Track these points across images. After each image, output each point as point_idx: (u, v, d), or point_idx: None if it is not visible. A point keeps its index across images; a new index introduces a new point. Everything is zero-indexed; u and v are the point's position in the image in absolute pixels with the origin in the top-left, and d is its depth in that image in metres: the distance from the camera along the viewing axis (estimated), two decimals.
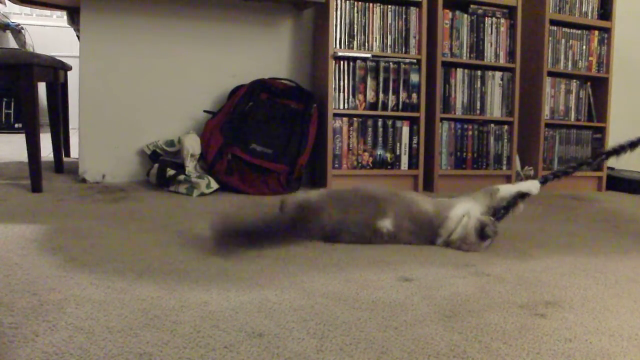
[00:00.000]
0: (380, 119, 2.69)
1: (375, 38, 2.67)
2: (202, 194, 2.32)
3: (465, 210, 1.61)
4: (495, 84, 2.92)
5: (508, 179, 2.97)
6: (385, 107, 2.70)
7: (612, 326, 1.06)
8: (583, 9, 3.11)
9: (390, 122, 2.70)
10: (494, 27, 2.89)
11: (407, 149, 2.73)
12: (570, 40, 3.09)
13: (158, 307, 1.04)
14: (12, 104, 5.07)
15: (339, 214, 1.58)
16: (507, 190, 1.70)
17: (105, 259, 1.33)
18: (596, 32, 3.15)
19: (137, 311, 1.01)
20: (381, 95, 2.68)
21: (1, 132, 4.97)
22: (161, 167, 2.40)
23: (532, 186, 1.72)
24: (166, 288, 1.14)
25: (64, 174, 2.67)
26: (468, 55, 2.86)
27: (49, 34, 5.41)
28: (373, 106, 2.68)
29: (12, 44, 5.09)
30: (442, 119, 2.81)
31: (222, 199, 2.29)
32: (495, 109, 2.93)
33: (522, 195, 1.69)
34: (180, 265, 1.31)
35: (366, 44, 2.66)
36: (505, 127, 2.95)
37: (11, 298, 1.04)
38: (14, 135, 4.72)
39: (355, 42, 2.64)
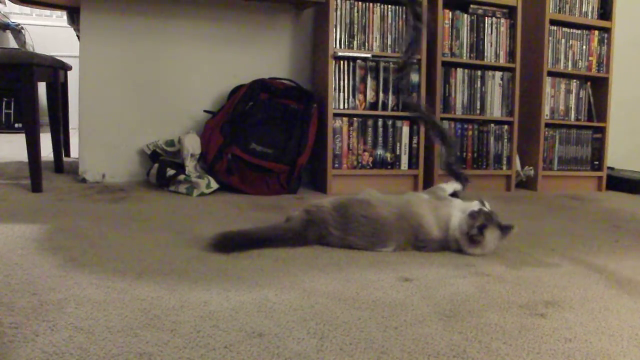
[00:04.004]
0: (380, 119, 2.69)
1: (375, 38, 2.67)
2: (202, 194, 2.32)
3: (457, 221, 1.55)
4: (495, 84, 2.92)
5: (508, 179, 2.97)
6: (385, 107, 2.70)
7: (612, 326, 1.06)
8: (583, 9, 3.11)
9: (390, 122, 2.70)
10: (494, 27, 2.89)
11: (407, 149, 2.73)
12: (570, 40, 3.09)
13: (158, 307, 1.04)
14: (12, 104, 5.08)
15: (340, 233, 1.53)
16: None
17: (105, 259, 1.33)
18: (596, 32, 3.15)
19: (137, 311, 1.01)
20: (381, 95, 2.68)
21: (1, 132, 4.97)
22: (161, 167, 2.40)
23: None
24: (166, 288, 1.14)
25: (64, 174, 2.67)
26: (468, 55, 2.86)
27: (49, 34, 5.41)
28: (373, 106, 2.68)
29: (12, 44, 5.09)
30: (442, 119, 2.81)
31: (222, 199, 2.29)
32: (495, 109, 2.93)
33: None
34: (180, 265, 1.31)
35: (366, 44, 2.66)
36: (505, 127, 2.95)
37: (11, 298, 1.04)
38: (14, 135, 4.72)
39: (355, 42, 2.64)
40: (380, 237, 1.53)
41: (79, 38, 2.61)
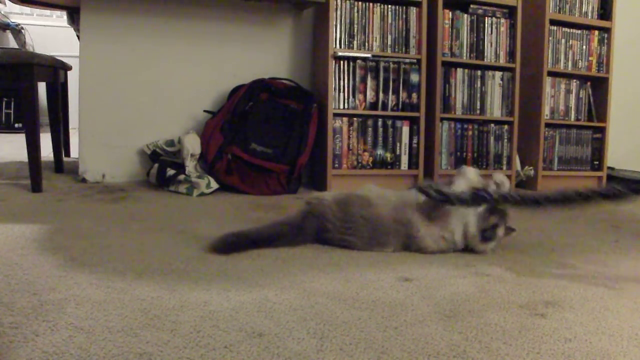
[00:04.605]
0: (380, 119, 2.69)
1: (375, 38, 2.67)
2: (202, 194, 2.32)
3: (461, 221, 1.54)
4: (495, 84, 2.92)
5: (508, 179, 2.97)
6: (385, 107, 2.70)
7: (612, 326, 1.06)
8: (583, 9, 3.11)
9: (390, 122, 2.70)
10: (494, 27, 2.89)
11: (407, 149, 2.73)
12: (570, 40, 3.09)
13: (158, 307, 1.04)
14: (12, 104, 5.08)
15: (338, 229, 1.53)
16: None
17: (105, 259, 1.33)
18: (596, 32, 3.15)
19: (137, 311, 1.01)
20: (381, 95, 2.68)
21: (1, 132, 4.97)
22: (161, 167, 2.40)
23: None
24: (166, 288, 1.14)
25: (64, 174, 2.67)
26: (468, 55, 2.86)
27: (49, 34, 5.41)
28: (373, 106, 2.68)
29: (12, 44, 5.09)
30: (442, 119, 2.81)
31: (222, 198, 2.29)
32: (495, 109, 2.93)
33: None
34: (180, 265, 1.31)
35: (366, 44, 2.66)
36: (505, 127, 2.95)
37: (11, 298, 1.04)
38: (14, 135, 4.72)
39: (355, 42, 2.64)
40: (378, 239, 1.53)
41: (79, 38, 2.61)
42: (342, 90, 2.62)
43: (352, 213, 1.54)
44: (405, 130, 2.73)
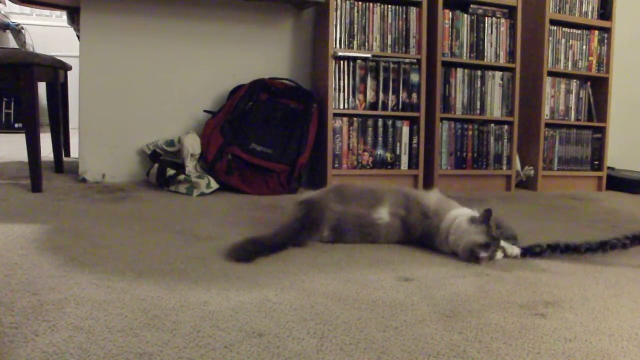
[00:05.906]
0: (380, 119, 2.69)
1: (375, 38, 2.67)
2: (202, 194, 2.32)
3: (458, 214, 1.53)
4: (495, 83, 2.92)
5: (508, 179, 2.97)
6: (385, 107, 2.70)
7: (612, 326, 1.06)
8: (583, 9, 3.11)
9: (390, 122, 2.70)
10: (494, 27, 2.89)
11: (407, 149, 2.73)
12: (570, 40, 3.09)
13: (158, 307, 1.04)
14: (12, 104, 5.08)
15: (340, 206, 1.59)
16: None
17: (105, 259, 1.33)
18: (596, 32, 3.15)
19: (137, 311, 1.01)
20: (381, 95, 2.68)
21: (1, 132, 4.97)
22: (161, 167, 2.40)
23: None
24: (166, 288, 1.14)
25: (64, 174, 2.67)
26: (468, 55, 2.86)
27: (49, 34, 5.41)
28: (373, 106, 2.68)
29: (12, 44, 5.09)
30: (442, 119, 2.81)
31: (222, 198, 2.29)
32: (495, 109, 2.93)
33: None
34: (180, 265, 1.31)
35: (366, 44, 2.66)
36: (505, 127, 2.95)
37: (11, 298, 1.04)
38: (14, 135, 4.71)
39: (355, 42, 2.64)
40: (376, 199, 1.61)
41: (79, 38, 2.61)
42: (342, 90, 2.62)
43: (347, 192, 1.65)
44: (405, 130, 2.73)
